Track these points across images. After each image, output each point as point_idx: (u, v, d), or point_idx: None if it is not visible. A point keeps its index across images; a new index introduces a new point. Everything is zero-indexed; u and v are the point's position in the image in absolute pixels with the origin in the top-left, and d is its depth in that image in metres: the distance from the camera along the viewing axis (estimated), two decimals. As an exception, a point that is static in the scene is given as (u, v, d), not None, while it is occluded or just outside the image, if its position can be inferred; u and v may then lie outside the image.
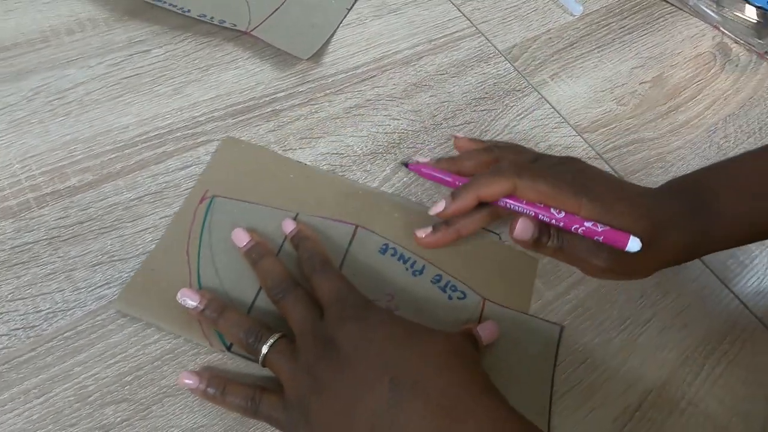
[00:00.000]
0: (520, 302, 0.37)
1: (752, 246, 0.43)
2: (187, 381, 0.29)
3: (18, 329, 0.30)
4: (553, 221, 0.32)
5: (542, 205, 0.32)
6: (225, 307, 0.30)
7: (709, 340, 0.38)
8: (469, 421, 0.25)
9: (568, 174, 0.33)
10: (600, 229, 0.31)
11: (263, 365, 0.29)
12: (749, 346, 0.38)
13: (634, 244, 0.31)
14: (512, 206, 0.33)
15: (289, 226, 0.34)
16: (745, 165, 0.36)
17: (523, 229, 0.32)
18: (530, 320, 0.36)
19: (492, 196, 0.33)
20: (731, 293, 0.40)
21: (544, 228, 0.32)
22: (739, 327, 0.39)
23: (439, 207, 0.34)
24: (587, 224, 0.31)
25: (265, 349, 0.28)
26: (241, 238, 0.33)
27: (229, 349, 0.31)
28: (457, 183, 0.35)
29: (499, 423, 0.26)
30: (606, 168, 0.44)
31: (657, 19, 0.57)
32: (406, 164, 0.37)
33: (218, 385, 0.28)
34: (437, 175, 0.36)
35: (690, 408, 0.35)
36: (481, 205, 0.33)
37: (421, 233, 0.36)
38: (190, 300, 0.30)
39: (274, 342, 0.29)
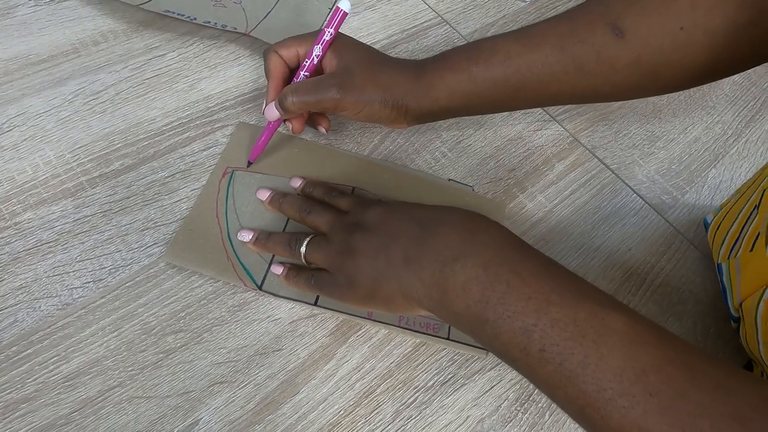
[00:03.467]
0: (492, 239, 0.44)
1: (683, 184, 0.52)
2: (276, 271, 0.38)
3: (89, 282, 0.37)
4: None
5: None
6: (270, 234, 0.39)
7: (649, 260, 0.46)
8: (484, 234, 0.31)
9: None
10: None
11: (306, 261, 0.36)
12: (682, 262, 0.47)
13: (343, 3, 0.38)
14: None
15: (297, 182, 0.42)
16: (461, 47, 0.42)
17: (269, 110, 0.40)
18: (501, 252, 0.44)
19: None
20: (666, 222, 0.49)
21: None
22: (673, 248, 0.47)
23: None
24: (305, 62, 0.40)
25: (303, 249, 0.36)
26: (264, 193, 0.41)
27: (260, 287, 0.38)
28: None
29: (510, 235, 0.32)
30: (558, 128, 0.52)
31: (598, 0, 0.65)
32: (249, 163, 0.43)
33: (294, 270, 0.37)
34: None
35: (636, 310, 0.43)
36: None
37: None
38: (246, 235, 0.39)
39: (309, 240, 0.36)
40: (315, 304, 0.38)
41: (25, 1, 0.49)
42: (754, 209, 0.40)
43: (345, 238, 0.35)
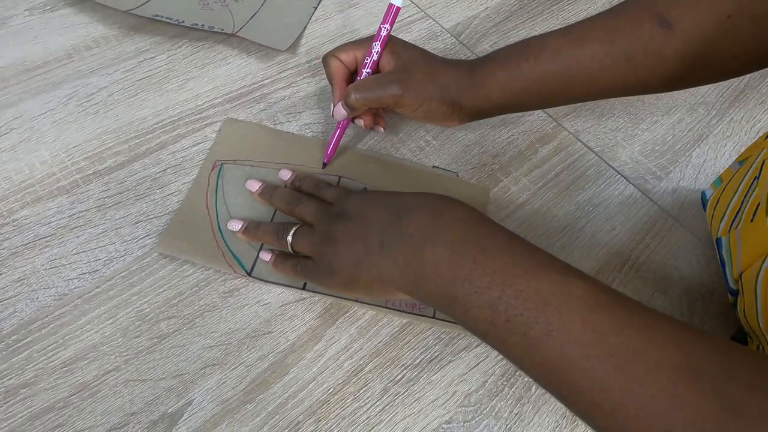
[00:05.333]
0: (477, 222, 0.45)
1: (667, 164, 0.52)
2: (265, 257, 0.39)
3: (84, 274, 0.38)
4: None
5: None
6: (259, 223, 0.40)
7: (634, 237, 0.47)
8: (451, 216, 0.32)
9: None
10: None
11: (293, 249, 0.38)
12: (666, 239, 0.47)
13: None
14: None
15: (286, 174, 0.43)
16: (511, 46, 0.43)
17: (337, 110, 0.42)
18: (486, 234, 0.45)
19: None
20: (651, 201, 0.49)
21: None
22: (658, 226, 0.48)
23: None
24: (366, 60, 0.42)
25: (290, 237, 0.37)
26: (254, 184, 0.42)
27: (249, 274, 0.39)
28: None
29: (475, 213, 0.33)
30: (540, 113, 0.53)
31: (580, -10, 0.66)
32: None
33: (282, 256, 0.38)
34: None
35: (620, 287, 0.44)
36: None
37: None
38: (235, 225, 0.40)
39: (297, 229, 0.38)
40: (303, 288, 0.39)
41: (20, 12, 0.51)
42: (753, 180, 0.40)
43: (327, 228, 0.36)
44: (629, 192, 0.50)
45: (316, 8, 0.57)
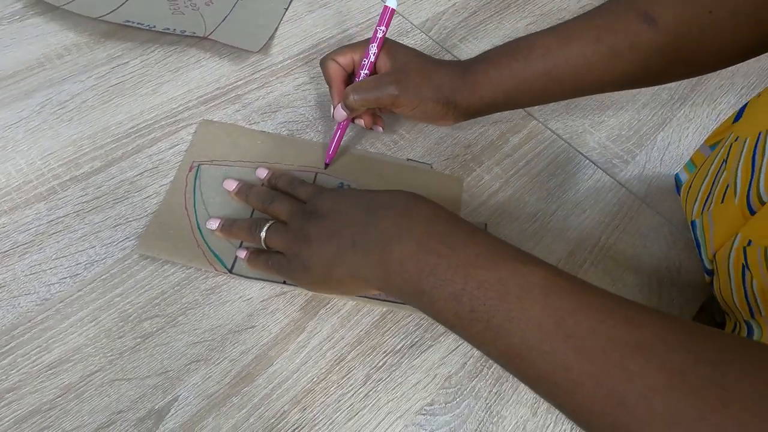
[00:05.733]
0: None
1: (633, 147, 0.54)
2: (240, 255, 0.40)
3: (65, 278, 0.38)
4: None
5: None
6: (234, 220, 0.41)
7: (603, 219, 0.48)
8: (417, 212, 0.33)
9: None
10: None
11: (266, 245, 0.38)
12: (635, 220, 0.49)
13: (390, 1, 0.42)
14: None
15: (262, 173, 0.44)
16: (502, 46, 0.44)
17: (337, 112, 0.44)
18: (461, 222, 0.46)
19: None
20: (618, 183, 0.51)
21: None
22: (626, 207, 0.50)
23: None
24: (363, 62, 0.43)
25: (263, 233, 0.38)
26: (231, 184, 0.43)
27: (230, 271, 0.40)
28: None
29: (440, 210, 0.34)
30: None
31: (545, -16, 0.68)
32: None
33: (255, 253, 0.39)
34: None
35: (592, 269, 0.46)
36: None
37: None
38: (213, 224, 0.41)
39: (270, 225, 0.38)
40: (284, 282, 0.40)
41: (-11, 22, 0.51)
42: (722, 164, 0.42)
43: (301, 226, 0.37)
44: (598, 176, 0.51)
45: (286, 9, 0.58)
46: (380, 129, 0.48)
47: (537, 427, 0.38)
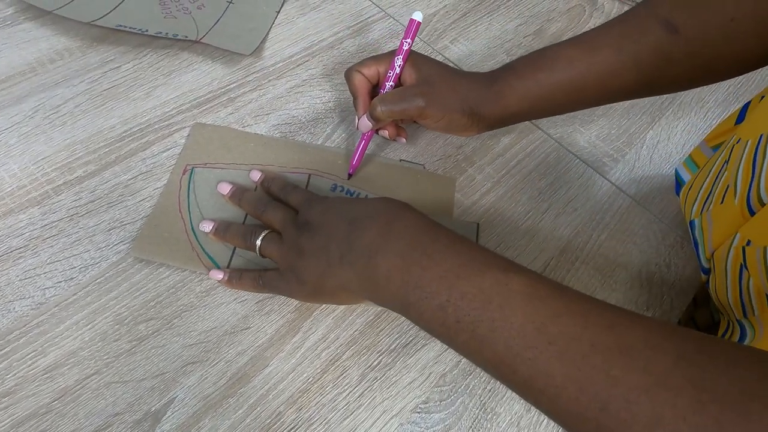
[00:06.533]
0: (444, 213, 0.47)
1: (622, 146, 0.55)
2: (216, 276, 0.39)
3: (60, 282, 0.39)
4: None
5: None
6: (229, 224, 0.41)
7: (594, 217, 0.49)
8: (400, 224, 0.33)
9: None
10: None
11: (261, 255, 0.39)
12: (625, 217, 0.50)
13: (416, 15, 0.44)
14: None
15: (256, 175, 0.44)
16: (526, 57, 0.46)
17: (362, 122, 0.44)
18: (453, 222, 0.46)
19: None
20: (608, 182, 0.52)
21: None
22: (616, 205, 0.50)
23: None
24: (389, 73, 0.44)
25: (259, 242, 0.38)
26: (225, 187, 0.43)
27: (225, 273, 0.40)
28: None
29: (422, 220, 0.34)
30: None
31: (534, -15, 0.69)
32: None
33: (236, 274, 0.39)
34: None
35: (583, 266, 0.46)
36: None
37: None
38: (207, 226, 0.41)
39: (265, 235, 0.39)
40: (279, 283, 0.40)
41: (-19, 27, 0.51)
42: (723, 165, 0.43)
43: (295, 238, 0.37)
44: (588, 175, 0.52)
45: (278, 12, 0.58)
46: (403, 140, 0.49)
47: (531, 423, 0.38)
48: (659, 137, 0.56)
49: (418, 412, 0.37)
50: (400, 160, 0.49)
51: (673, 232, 0.49)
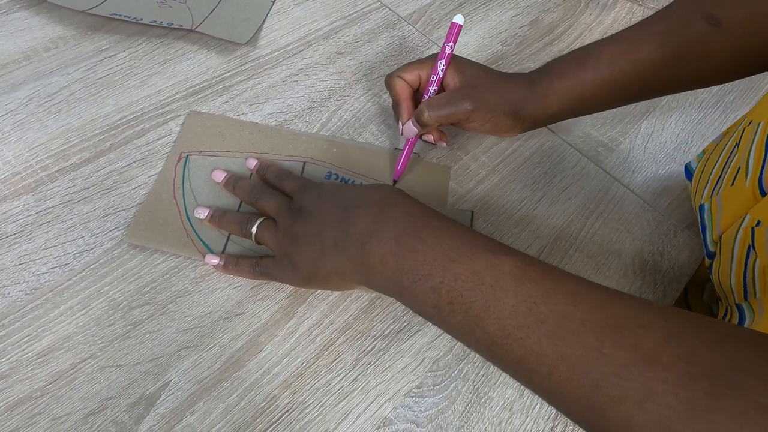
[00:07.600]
0: (439, 200, 0.47)
1: (617, 135, 0.55)
2: (212, 261, 0.39)
3: (55, 267, 0.39)
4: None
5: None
6: (225, 211, 0.41)
7: (588, 206, 0.49)
8: (394, 209, 0.34)
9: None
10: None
11: (256, 242, 0.39)
12: (619, 206, 0.50)
13: (458, 18, 0.44)
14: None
15: (252, 163, 0.44)
16: (566, 56, 0.46)
17: (407, 128, 0.44)
18: (447, 210, 0.47)
19: None
20: (603, 171, 0.52)
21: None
22: (610, 194, 0.50)
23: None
24: (432, 78, 0.44)
25: (254, 229, 0.39)
26: (219, 175, 0.43)
27: (219, 259, 0.40)
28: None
29: (415, 205, 0.34)
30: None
31: (530, -24, 0.69)
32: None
33: (232, 260, 0.39)
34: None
35: (577, 253, 0.46)
36: None
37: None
38: (202, 213, 0.41)
39: (261, 222, 0.39)
40: (273, 269, 0.41)
41: (-25, 15, 0.51)
42: (734, 147, 0.43)
43: (289, 225, 0.37)
44: (583, 164, 0.52)
45: (274, 2, 0.58)
46: (444, 145, 0.49)
47: (523, 407, 0.38)
48: (654, 127, 0.57)
49: (412, 397, 0.38)
50: (395, 148, 0.49)
51: (667, 220, 0.50)
